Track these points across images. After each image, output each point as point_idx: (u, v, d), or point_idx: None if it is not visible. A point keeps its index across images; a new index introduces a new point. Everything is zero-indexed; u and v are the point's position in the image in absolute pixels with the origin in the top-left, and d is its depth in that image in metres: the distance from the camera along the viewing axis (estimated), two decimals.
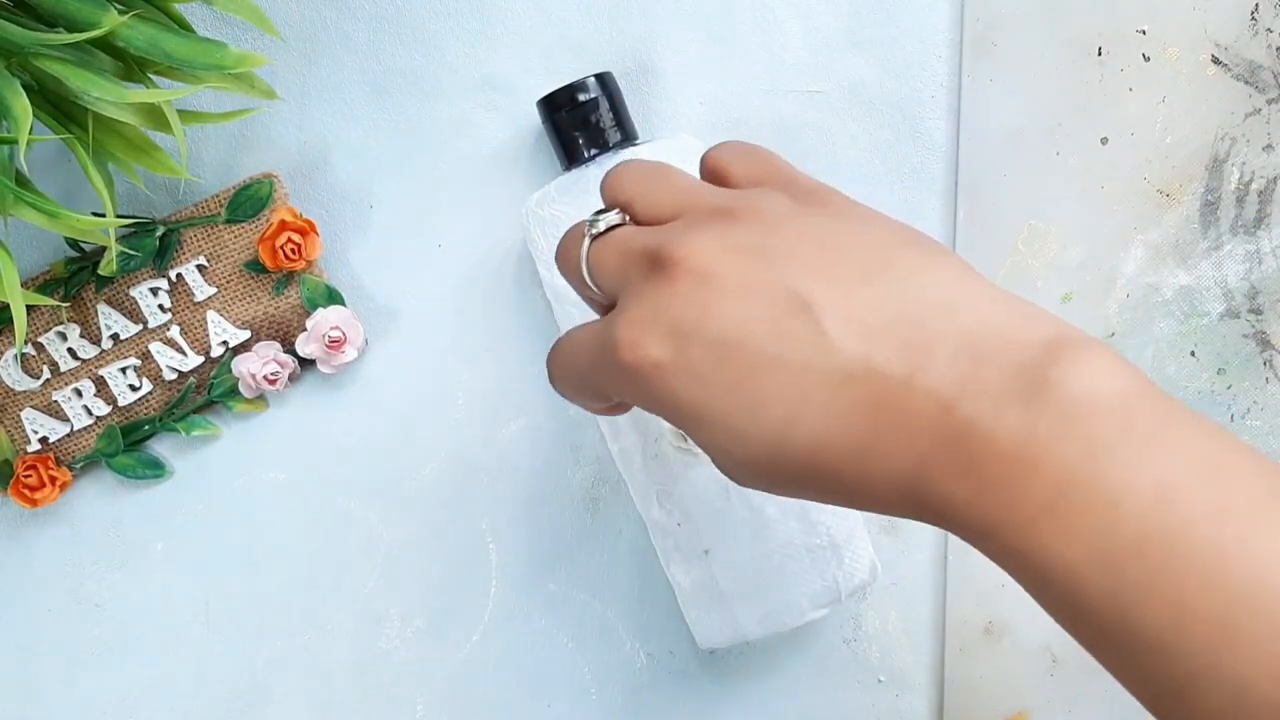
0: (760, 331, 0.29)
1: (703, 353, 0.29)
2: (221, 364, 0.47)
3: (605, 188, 0.35)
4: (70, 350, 0.46)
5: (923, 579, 0.47)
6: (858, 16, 0.46)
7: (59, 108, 0.39)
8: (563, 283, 0.43)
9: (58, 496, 0.46)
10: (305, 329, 0.46)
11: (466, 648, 0.47)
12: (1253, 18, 0.45)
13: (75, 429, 0.47)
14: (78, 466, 0.47)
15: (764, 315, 0.29)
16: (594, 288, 0.34)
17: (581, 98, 0.43)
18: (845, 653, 0.47)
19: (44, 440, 0.46)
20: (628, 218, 0.34)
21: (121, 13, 0.36)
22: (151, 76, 0.39)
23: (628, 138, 0.44)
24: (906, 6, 0.46)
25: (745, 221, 0.31)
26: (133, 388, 0.46)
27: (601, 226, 0.34)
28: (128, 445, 0.47)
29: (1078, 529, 0.25)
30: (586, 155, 0.43)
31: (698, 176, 0.36)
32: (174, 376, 0.46)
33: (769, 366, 0.28)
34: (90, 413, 0.46)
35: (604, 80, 0.44)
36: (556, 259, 0.36)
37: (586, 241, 0.34)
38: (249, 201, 0.46)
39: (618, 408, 0.36)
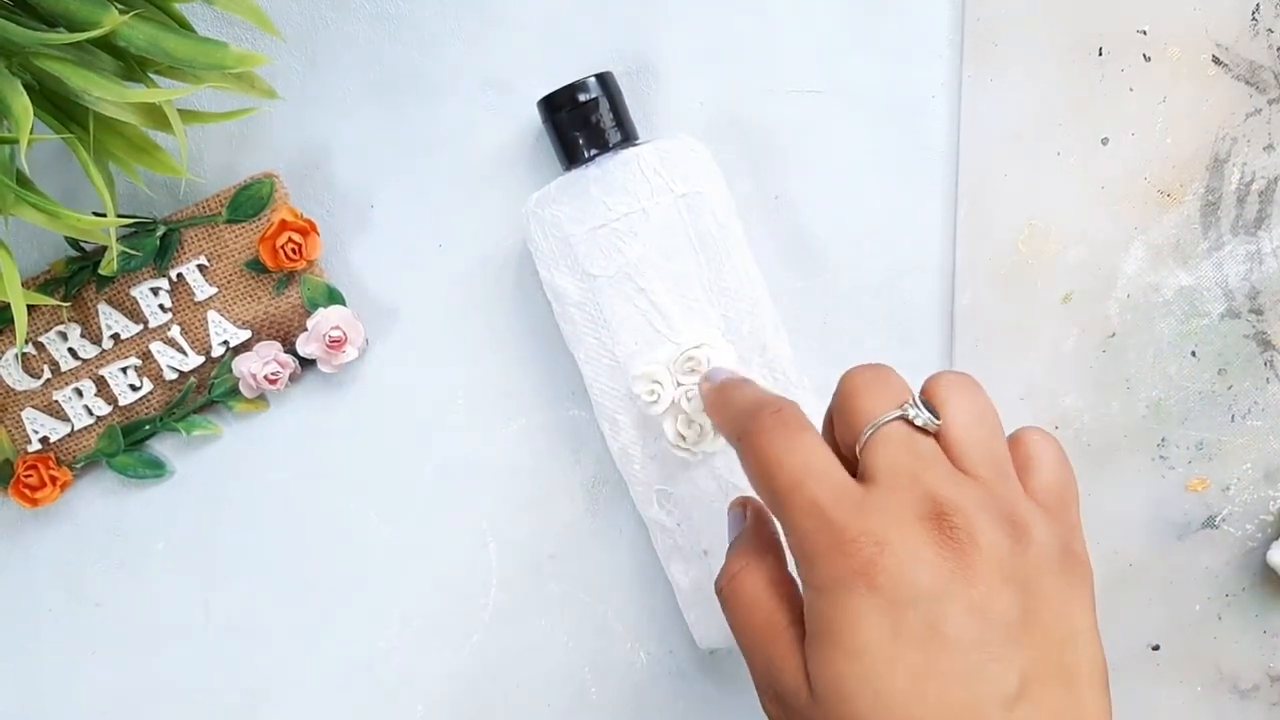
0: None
1: (905, 660, 0.30)
2: (222, 364, 0.47)
3: (938, 386, 0.34)
4: (71, 350, 0.46)
5: None
6: (858, 16, 0.46)
7: (60, 107, 0.39)
8: (562, 282, 0.43)
9: (58, 496, 0.46)
10: (306, 329, 0.46)
11: (466, 648, 0.47)
12: (1253, 18, 0.45)
13: (76, 429, 0.47)
14: (78, 466, 0.47)
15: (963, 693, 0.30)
16: (848, 449, 0.33)
17: (581, 98, 0.43)
18: None
19: (45, 440, 0.46)
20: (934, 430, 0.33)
21: (122, 12, 0.36)
22: (152, 76, 0.39)
23: (628, 138, 0.44)
24: (906, 6, 0.46)
25: (1019, 572, 0.31)
26: (133, 387, 0.46)
27: (919, 422, 0.32)
28: (128, 445, 0.47)
29: None
30: (586, 155, 0.43)
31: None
32: (175, 376, 0.47)
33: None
34: (91, 412, 0.46)
35: (604, 80, 0.44)
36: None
37: (888, 418, 0.32)
38: (250, 201, 0.46)
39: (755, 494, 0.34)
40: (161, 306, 0.46)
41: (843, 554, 0.30)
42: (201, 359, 0.46)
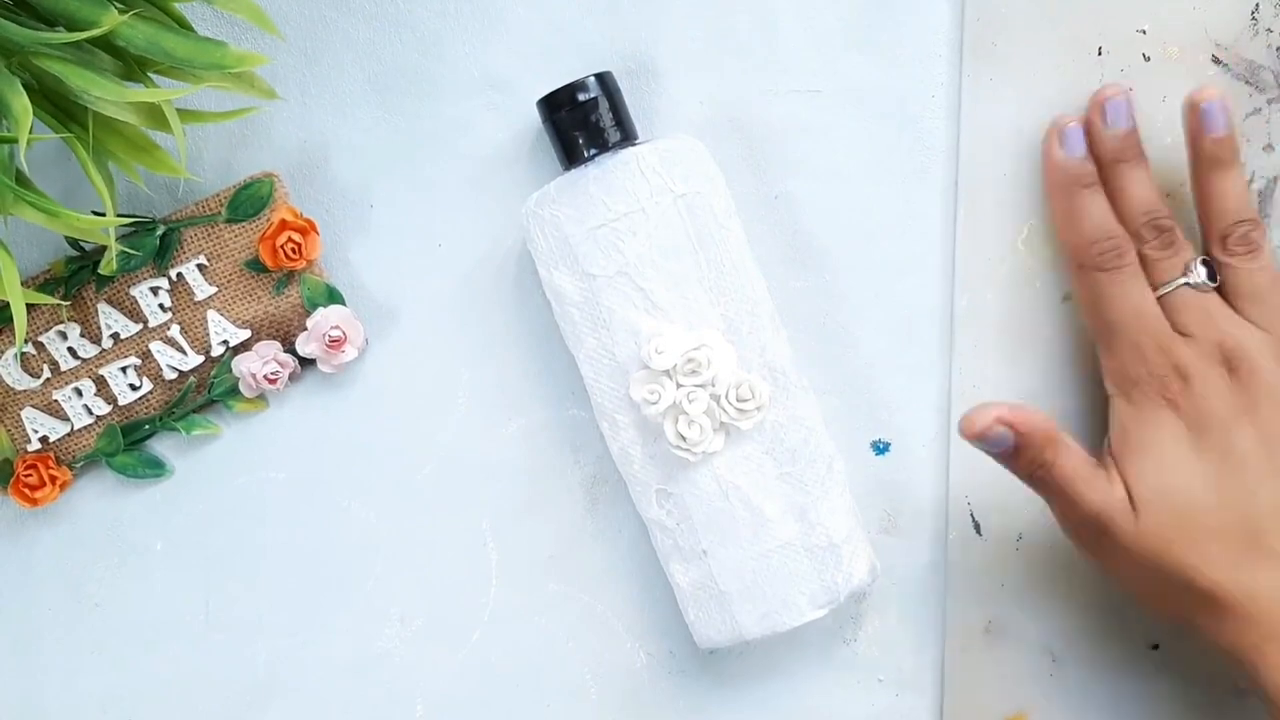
0: None
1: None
2: (222, 363, 0.47)
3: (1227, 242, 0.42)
4: (70, 349, 0.46)
5: (923, 579, 0.47)
6: (858, 16, 0.46)
7: (59, 106, 0.39)
8: (562, 282, 0.43)
9: (58, 496, 0.47)
10: (305, 328, 0.46)
11: (466, 648, 0.47)
12: (1253, 18, 0.45)
13: (75, 428, 0.47)
14: (78, 466, 0.47)
15: None
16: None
17: (581, 97, 0.43)
18: (845, 653, 0.47)
19: (44, 439, 0.46)
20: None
21: (122, 12, 0.36)
22: (152, 76, 0.39)
23: (627, 137, 0.44)
24: (906, 6, 0.46)
25: None
26: (133, 387, 0.46)
27: (1199, 286, 0.42)
28: (128, 444, 0.47)
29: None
30: (586, 155, 0.43)
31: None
32: (174, 376, 0.47)
33: None
34: (90, 412, 0.46)
35: (604, 80, 0.44)
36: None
37: (1175, 285, 0.41)
38: (249, 201, 0.46)
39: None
40: (161, 306, 0.46)
41: (1157, 381, 0.40)
42: (201, 358, 0.46)
